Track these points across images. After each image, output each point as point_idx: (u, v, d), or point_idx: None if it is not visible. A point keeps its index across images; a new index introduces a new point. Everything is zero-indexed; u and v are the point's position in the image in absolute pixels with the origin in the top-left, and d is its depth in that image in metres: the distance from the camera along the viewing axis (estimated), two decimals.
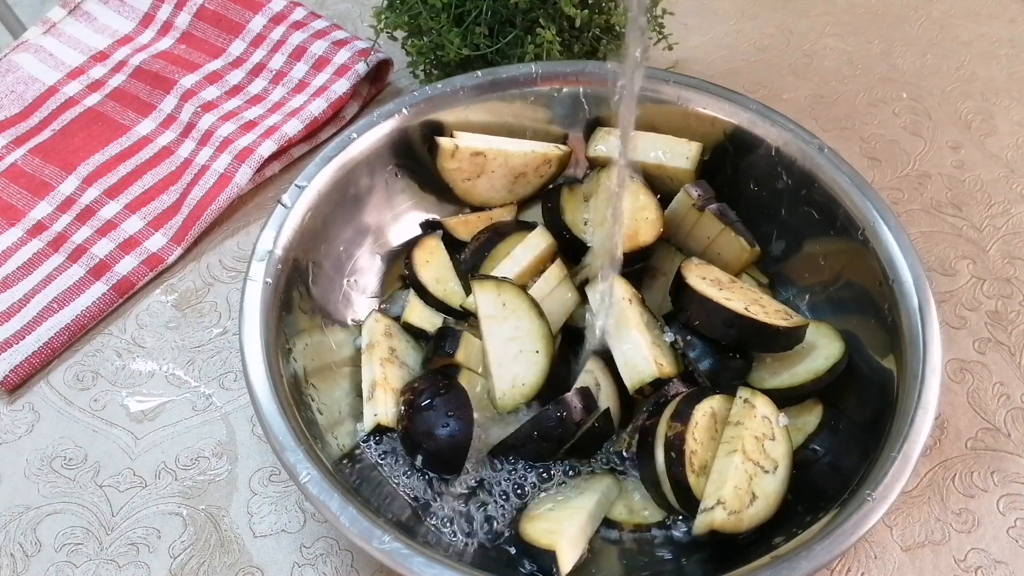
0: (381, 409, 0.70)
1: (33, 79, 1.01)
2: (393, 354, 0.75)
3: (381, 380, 0.71)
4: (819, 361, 0.71)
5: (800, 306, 0.79)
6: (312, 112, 0.94)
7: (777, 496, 0.64)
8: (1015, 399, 0.77)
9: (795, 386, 0.71)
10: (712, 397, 0.67)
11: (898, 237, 0.72)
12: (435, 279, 0.80)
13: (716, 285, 0.72)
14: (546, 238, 0.78)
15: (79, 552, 0.69)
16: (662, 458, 0.64)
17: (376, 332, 0.76)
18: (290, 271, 0.73)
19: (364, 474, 0.68)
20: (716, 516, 0.61)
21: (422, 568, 0.56)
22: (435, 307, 0.79)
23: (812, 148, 0.78)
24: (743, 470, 0.63)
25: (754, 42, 1.10)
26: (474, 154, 0.83)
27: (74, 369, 0.80)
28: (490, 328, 0.70)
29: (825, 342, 0.72)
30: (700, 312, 0.70)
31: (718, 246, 0.79)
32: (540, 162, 0.85)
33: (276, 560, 0.68)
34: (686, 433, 0.64)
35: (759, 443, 0.65)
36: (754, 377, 0.73)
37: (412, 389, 0.70)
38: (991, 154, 0.97)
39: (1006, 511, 0.71)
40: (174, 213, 0.89)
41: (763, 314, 0.69)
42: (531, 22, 0.88)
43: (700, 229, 0.79)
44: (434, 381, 0.70)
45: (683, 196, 0.79)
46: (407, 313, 0.78)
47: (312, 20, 1.03)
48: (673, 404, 0.66)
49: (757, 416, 0.66)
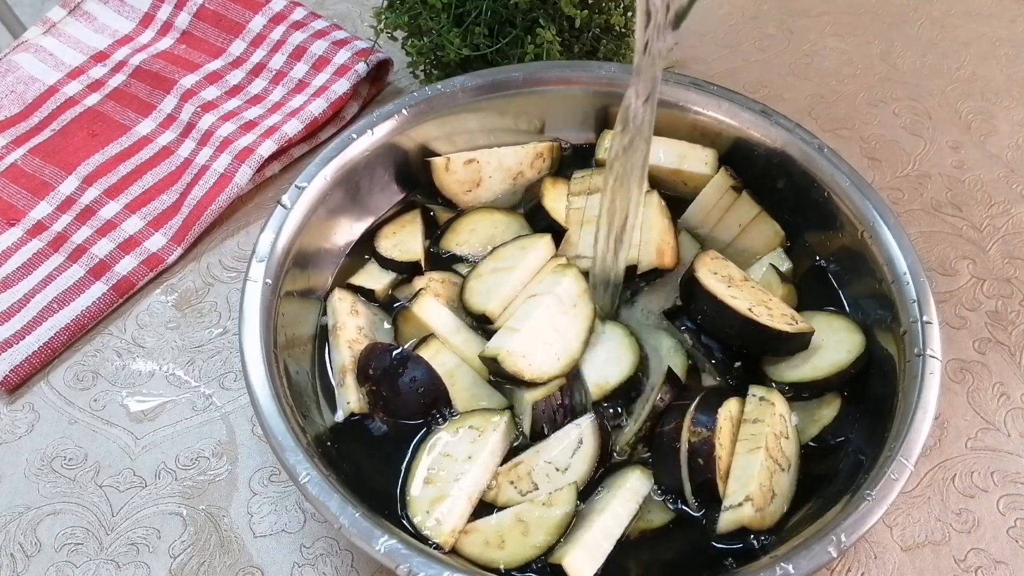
0: (353, 396, 0.70)
1: (33, 79, 1.01)
2: (361, 333, 0.74)
3: (351, 366, 0.71)
4: (841, 354, 0.70)
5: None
6: (312, 112, 0.94)
7: (791, 494, 0.65)
8: (1015, 399, 0.77)
9: (817, 380, 0.70)
10: (729, 400, 0.66)
11: (898, 237, 0.72)
12: (393, 244, 0.81)
13: (726, 282, 0.71)
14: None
15: (79, 552, 0.69)
16: (686, 463, 0.64)
17: (341, 312, 0.75)
18: (289, 271, 0.73)
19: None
20: (744, 513, 0.61)
21: (421, 568, 0.56)
22: (385, 267, 0.80)
23: (812, 148, 0.78)
24: (766, 468, 0.63)
25: (754, 42, 1.10)
26: (467, 162, 0.83)
27: (74, 369, 0.80)
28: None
29: (845, 335, 0.71)
30: (704, 307, 0.70)
31: (749, 234, 0.79)
32: (533, 157, 0.85)
33: (276, 560, 0.68)
34: (714, 438, 0.63)
35: (777, 441, 0.65)
36: (772, 370, 0.72)
37: (365, 367, 0.70)
38: (991, 154, 0.97)
39: (1006, 511, 0.71)
40: (174, 213, 0.89)
41: (767, 316, 0.69)
42: (531, 22, 0.88)
43: (732, 215, 0.79)
44: (384, 348, 0.71)
45: (721, 178, 0.79)
46: (355, 276, 0.79)
47: (312, 20, 1.03)
48: (691, 409, 0.66)
49: (776, 414, 0.66)
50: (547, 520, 0.63)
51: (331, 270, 0.80)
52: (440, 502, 0.63)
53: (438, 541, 0.62)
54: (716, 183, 0.80)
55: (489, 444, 0.66)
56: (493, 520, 0.64)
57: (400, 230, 0.82)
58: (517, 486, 0.66)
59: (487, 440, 0.66)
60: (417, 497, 0.65)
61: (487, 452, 0.66)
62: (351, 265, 0.81)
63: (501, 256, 0.77)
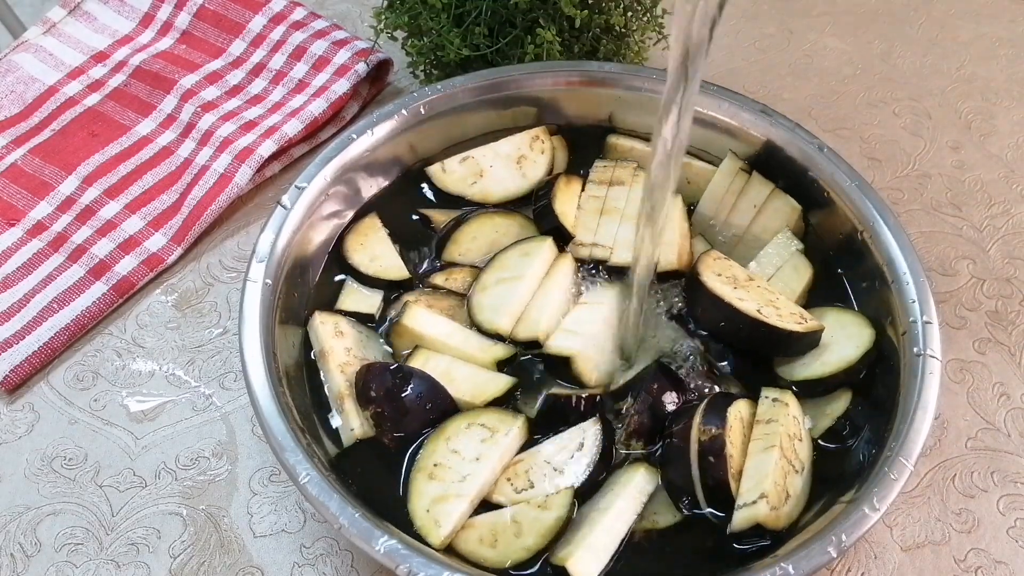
0: (356, 422, 0.68)
1: (33, 79, 1.01)
2: (350, 354, 0.72)
3: (347, 391, 0.69)
4: (849, 349, 0.70)
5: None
6: (312, 112, 0.94)
7: (804, 497, 0.64)
8: (1015, 399, 0.77)
9: (826, 376, 0.69)
10: (738, 402, 0.66)
11: (898, 237, 0.72)
12: (369, 259, 0.78)
13: (731, 283, 0.71)
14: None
15: (79, 552, 0.69)
16: (696, 462, 0.63)
17: (325, 336, 0.72)
18: (289, 269, 0.73)
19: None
20: (760, 510, 0.60)
21: (421, 568, 0.56)
22: (372, 285, 0.78)
23: (812, 148, 0.78)
24: (780, 467, 0.62)
25: (754, 42, 1.10)
26: (462, 160, 0.83)
27: (74, 369, 0.80)
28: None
29: (854, 330, 0.71)
30: (711, 311, 0.70)
31: (765, 214, 0.78)
32: (530, 140, 0.85)
33: (276, 560, 0.68)
34: (724, 436, 0.63)
35: (791, 442, 0.64)
36: (782, 369, 0.72)
37: (366, 389, 0.68)
38: (991, 154, 0.97)
39: (1006, 511, 0.71)
40: (174, 213, 0.89)
41: (776, 316, 0.68)
42: (531, 22, 0.88)
43: (746, 198, 0.78)
44: (381, 367, 0.70)
45: (729, 162, 0.79)
46: (342, 300, 0.77)
47: (312, 20, 1.03)
48: (700, 409, 0.65)
49: (789, 415, 0.65)
50: (540, 523, 0.62)
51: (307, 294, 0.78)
52: (442, 502, 0.63)
53: (433, 542, 0.61)
54: (725, 168, 0.79)
55: (499, 448, 0.65)
56: (489, 518, 0.64)
57: (366, 240, 0.80)
58: (513, 483, 0.65)
59: (498, 443, 0.65)
60: (420, 492, 0.64)
61: (496, 456, 0.65)
62: (322, 283, 0.78)
63: (504, 265, 0.76)
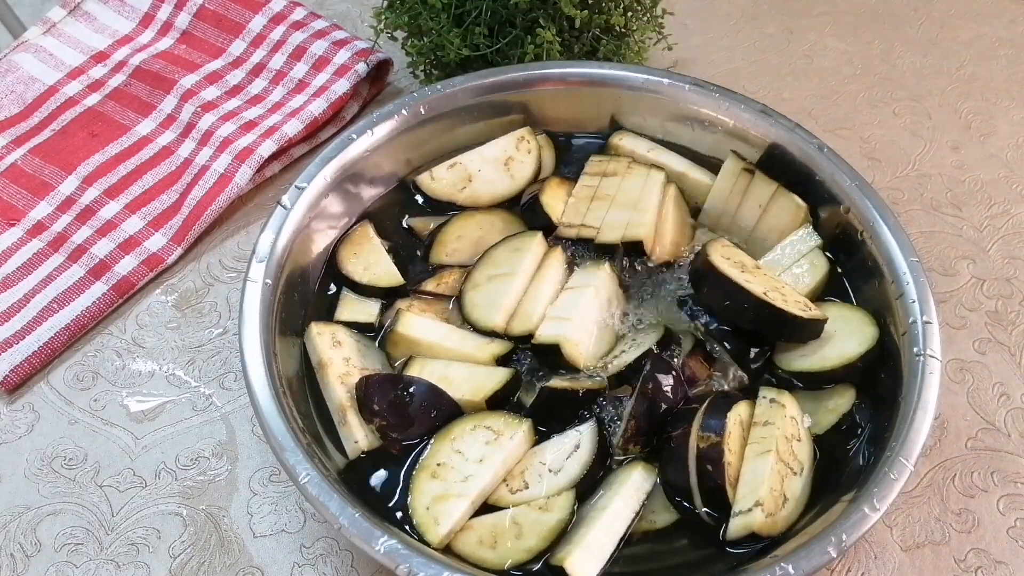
0: (360, 434, 0.68)
1: (33, 79, 1.01)
2: (350, 364, 0.71)
3: (349, 402, 0.69)
4: (851, 345, 0.69)
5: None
6: (312, 112, 0.94)
7: (804, 499, 0.64)
8: (1015, 399, 0.77)
9: (825, 371, 0.69)
10: (738, 404, 0.65)
11: (898, 237, 0.72)
12: (363, 268, 0.78)
13: (739, 267, 0.71)
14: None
15: (79, 552, 0.69)
16: (695, 468, 0.63)
17: (323, 347, 0.72)
18: (289, 272, 0.73)
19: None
20: (755, 518, 0.60)
21: (421, 568, 0.56)
22: (367, 294, 0.77)
23: (812, 148, 0.78)
24: (776, 471, 0.62)
25: (754, 42, 1.10)
26: (450, 167, 0.83)
27: (74, 369, 0.80)
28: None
29: (858, 325, 0.70)
30: (718, 291, 0.69)
31: (771, 213, 0.78)
32: (516, 141, 0.85)
33: (276, 560, 0.68)
34: (723, 444, 0.62)
35: (789, 444, 0.64)
36: (782, 358, 0.71)
37: (368, 402, 0.68)
38: (991, 154, 0.97)
39: (1006, 511, 0.71)
40: (174, 213, 0.89)
41: (782, 301, 0.68)
42: (531, 22, 0.88)
43: (751, 198, 0.78)
44: (381, 379, 0.69)
45: (731, 163, 0.79)
46: (339, 311, 0.76)
47: (312, 20, 1.03)
48: (700, 414, 0.65)
49: (787, 416, 0.65)
50: (541, 525, 0.62)
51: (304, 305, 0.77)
52: (443, 501, 0.63)
53: (431, 540, 0.61)
54: (728, 169, 0.79)
55: (504, 451, 0.65)
56: (489, 519, 0.64)
57: (359, 249, 0.79)
58: (508, 484, 0.65)
59: (502, 446, 0.65)
60: (421, 490, 0.64)
61: (500, 459, 0.65)
62: (320, 295, 0.78)
63: (495, 261, 0.76)
